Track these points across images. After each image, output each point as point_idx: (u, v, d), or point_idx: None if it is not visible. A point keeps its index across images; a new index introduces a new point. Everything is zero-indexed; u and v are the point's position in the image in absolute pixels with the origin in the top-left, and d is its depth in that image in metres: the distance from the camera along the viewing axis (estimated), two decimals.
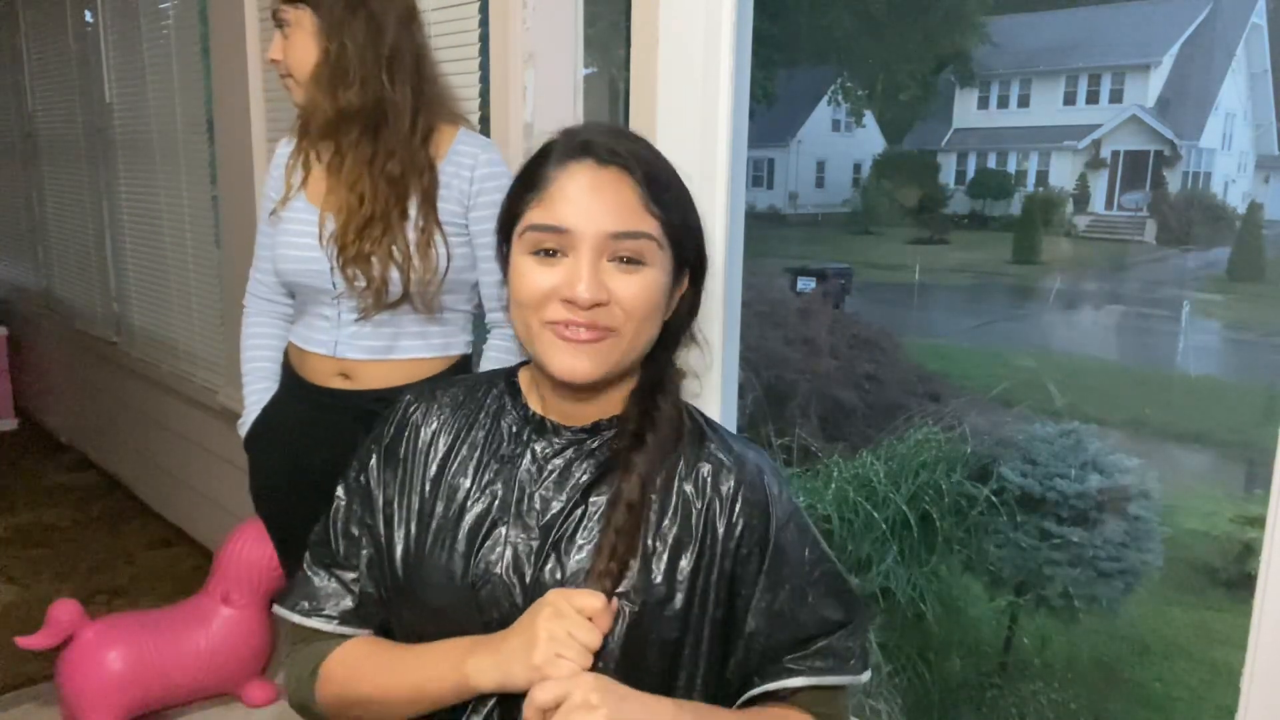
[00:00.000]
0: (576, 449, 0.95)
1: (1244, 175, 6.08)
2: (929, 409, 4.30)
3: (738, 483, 0.94)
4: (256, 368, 1.68)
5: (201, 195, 2.98)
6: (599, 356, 0.89)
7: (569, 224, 0.87)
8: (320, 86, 1.49)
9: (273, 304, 1.69)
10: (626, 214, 0.88)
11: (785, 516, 0.95)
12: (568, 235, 0.87)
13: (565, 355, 0.89)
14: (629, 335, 0.90)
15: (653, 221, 0.89)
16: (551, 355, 0.90)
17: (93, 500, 3.77)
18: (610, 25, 1.94)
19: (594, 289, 0.86)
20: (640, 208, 0.89)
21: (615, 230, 0.87)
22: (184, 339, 3.21)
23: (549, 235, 0.88)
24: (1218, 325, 5.48)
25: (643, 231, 0.88)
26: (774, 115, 7.92)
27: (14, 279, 4.82)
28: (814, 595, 0.94)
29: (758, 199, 8.13)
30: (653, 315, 0.92)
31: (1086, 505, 3.37)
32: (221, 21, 2.61)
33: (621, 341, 0.90)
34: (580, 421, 0.96)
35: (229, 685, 2.34)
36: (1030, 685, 3.48)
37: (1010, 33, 6.84)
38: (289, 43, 1.53)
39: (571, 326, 0.88)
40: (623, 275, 0.88)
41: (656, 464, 0.92)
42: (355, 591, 0.99)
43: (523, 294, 0.90)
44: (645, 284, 0.89)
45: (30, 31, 4.16)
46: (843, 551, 3.50)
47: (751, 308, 4.52)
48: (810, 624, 0.94)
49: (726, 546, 0.92)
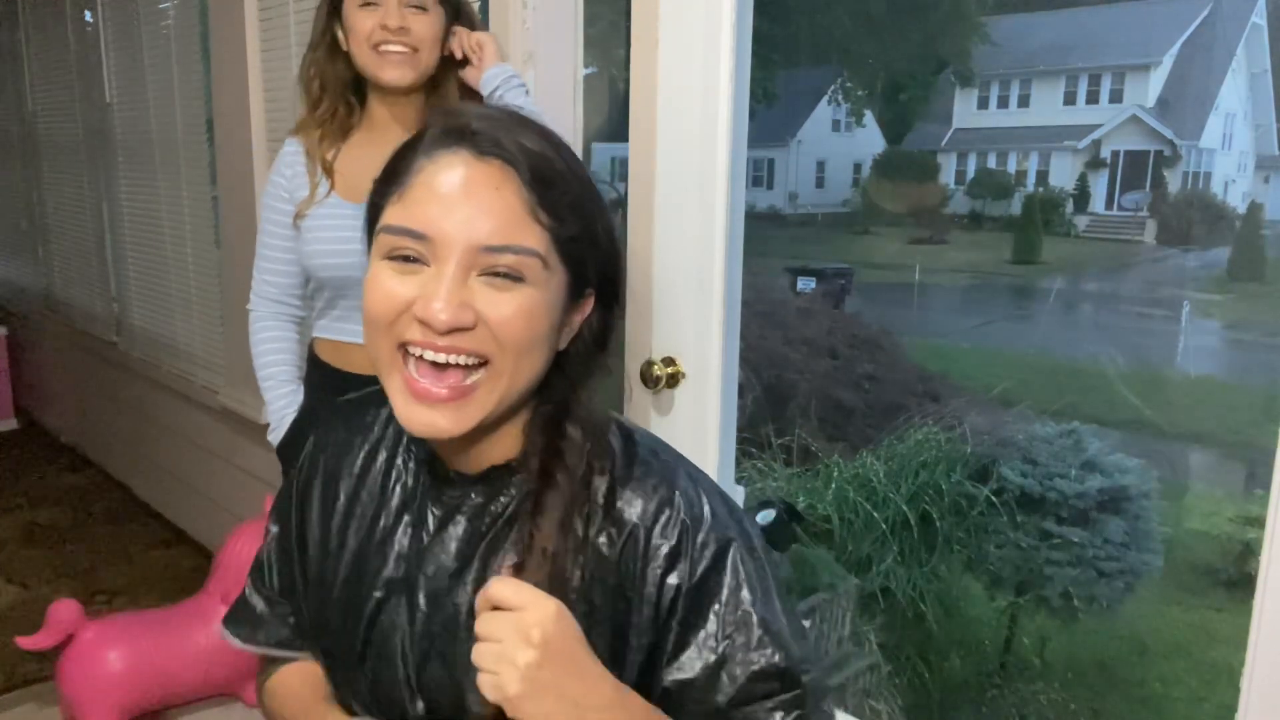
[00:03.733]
0: (476, 504, 0.82)
1: (1244, 175, 6.08)
2: (929, 409, 4.30)
3: (661, 524, 0.77)
4: (278, 373, 1.67)
5: (201, 195, 2.98)
6: (463, 410, 0.73)
7: (430, 230, 0.71)
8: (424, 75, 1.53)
9: (283, 305, 1.67)
10: (504, 222, 0.71)
11: (716, 553, 0.77)
12: (428, 243, 0.71)
13: (418, 410, 0.73)
14: (506, 371, 0.73)
15: (538, 233, 0.72)
16: (403, 409, 0.74)
17: (93, 500, 3.77)
18: (610, 25, 1.94)
19: (454, 310, 0.70)
20: (524, 215, 0.72)
21: (488, 242, 0.71)
22: (184, 339, 3.21)
23: (406, 240, 0.72)
24: (1218, 325, 5.48)
25: (523, 246, 0.71)
26: (774, 115, 7.92)
27: (14, 279, 4.82)
28: (744, 655, 0.76)
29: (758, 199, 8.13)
30: (534, 345, 0.74)
31: (1086, 505, 3.37)
32: (221, 21, 2.61)
33: (498, 380, 0.73)
34: (476, 466, 0.82)
35: (229, 685, 2.34)
36: (1030, 685, 3.48)
37: (1010, 33, 6.84)
38: (423, 20, 1.50)
39: (426, 367, 0.72)
40: (494, 293, 0.71)
41: (573, 504, 0.77)
42: (290, 623, 0.94)
43: (373, 306, 0.73)
44: (523, 306, 0.72)
45: (30, 31, 4.16)
46: (843, 551, 3.50)
47: (751, 308, 4.52)
48: (741, 692, 0.76)
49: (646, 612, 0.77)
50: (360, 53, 1.51)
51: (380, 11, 1.47)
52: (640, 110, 1.58)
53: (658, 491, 0.78)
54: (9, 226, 4.75)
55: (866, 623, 3.37)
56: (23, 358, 4.68)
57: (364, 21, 1.48)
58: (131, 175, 3.40)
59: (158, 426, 3.49)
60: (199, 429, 3.16)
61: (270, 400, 1.67)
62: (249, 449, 2.83)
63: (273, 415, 1.67)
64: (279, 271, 1.65)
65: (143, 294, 3.48)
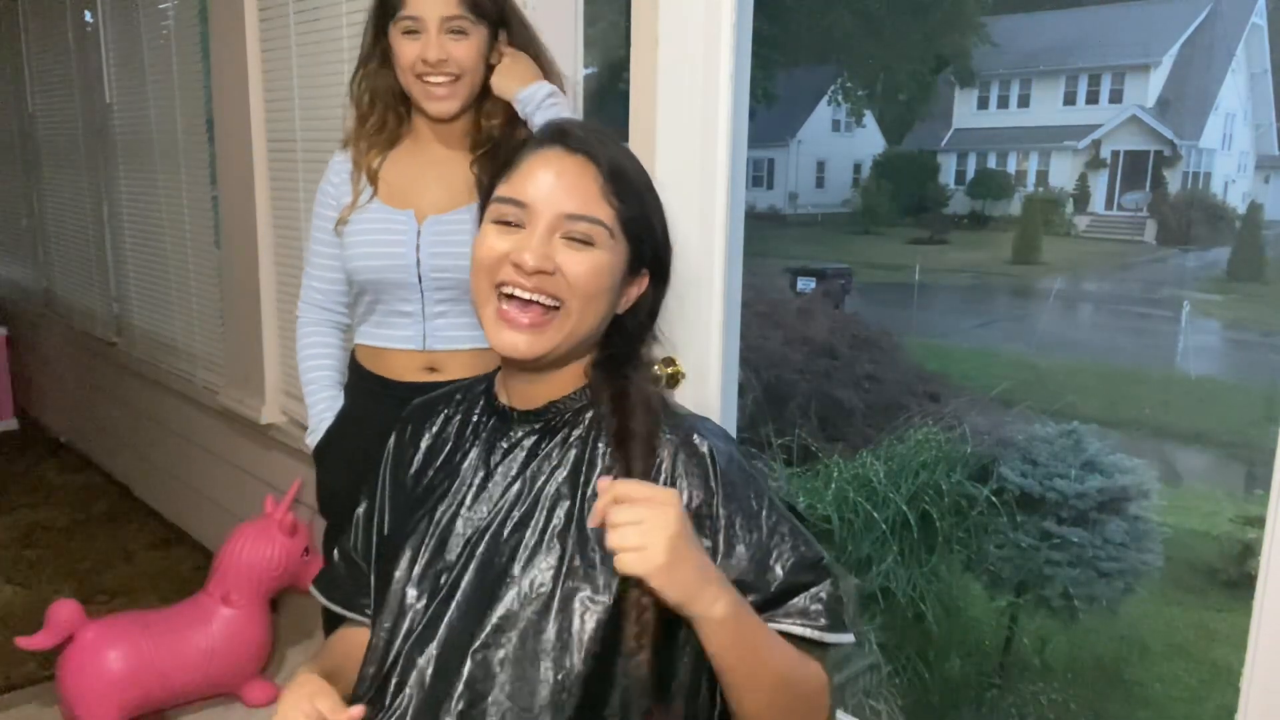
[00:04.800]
0: (535, 435, 1.00)
1: (1244, 175, 6.09)
2: (929, 409, 4.30)
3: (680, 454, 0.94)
4: (320, 377, 1.70)
5: (201, 195, 2.98)
6: (539, 336, 0.93)
7: (528, 199, 0.93)
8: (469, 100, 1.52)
9: (330, 313, 1.70)
10: (583, 198, 0.93)
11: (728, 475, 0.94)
12: (526, 210, 0.93)
13: (506, 332, 0.94)
14: (575, 311, 0.93)
15: (608, 210, 0.94)
16: (494, 332, 0.95)
17: (93, 500, 3.77)
18: (610, 25, 1.94)
19: (539, 257, 0.91)
20: (598, 195, 0.93)
21: (569, 211, 0.92)
22: (184, 339, 3.20)
23: (510, 208, 0.94)
24: (1218, 325, 5.49)
25: (596, 217, 0.93)
26: (774, 115, 7.93)
27: (14, 279, 4.82)
28: (774, 558, 0.92)
29: (758, 199, 8.13)
30: (599, 295, 0.95)
31: (1086, 505, 3.37)
32: (221, 21, 2.61)
33: (567, 319, 0.93)
34: (535, 403, 1.00)
35: (229, 685, 2.34)
36: (1030, 685, 3.48)
37: (1010, 33, 6.84)
38: (464, 46, 1.48)
39: (515, 303, 0.93)
40: (572, 252, 0.93)
41: (649, 453, 0.94)
42: (364, 588, 1.09)
43: (479, 256, 0.95)
44: (593, 263, 0.93)
45: (30, 32, 4.16)
46: (843, 551, 3.50)
47: (751, 308, 4.53)
48: (774, 586, 0.92)
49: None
50: (404, 79, 1.51)
51: (421, 42, 1.46)
52: (640, 110, 1.58)
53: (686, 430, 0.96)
54: (9, 226, 4.75)
55: (866, 623, 3.37)
56: (23, 358, 4.68)
57: (406, 51, 1.48)
58: (131, 175, 3.40)
59: (158, 426, 3.49)
60: (199, 429, 3.16)
61: (311, 404, 1.69)
62: (249, 449, 2.83)
63: (312, 418, 1.69)
64: (326, 279, 1.67)
65: (143, 294, 3.48)
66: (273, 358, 2.63)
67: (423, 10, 1.46)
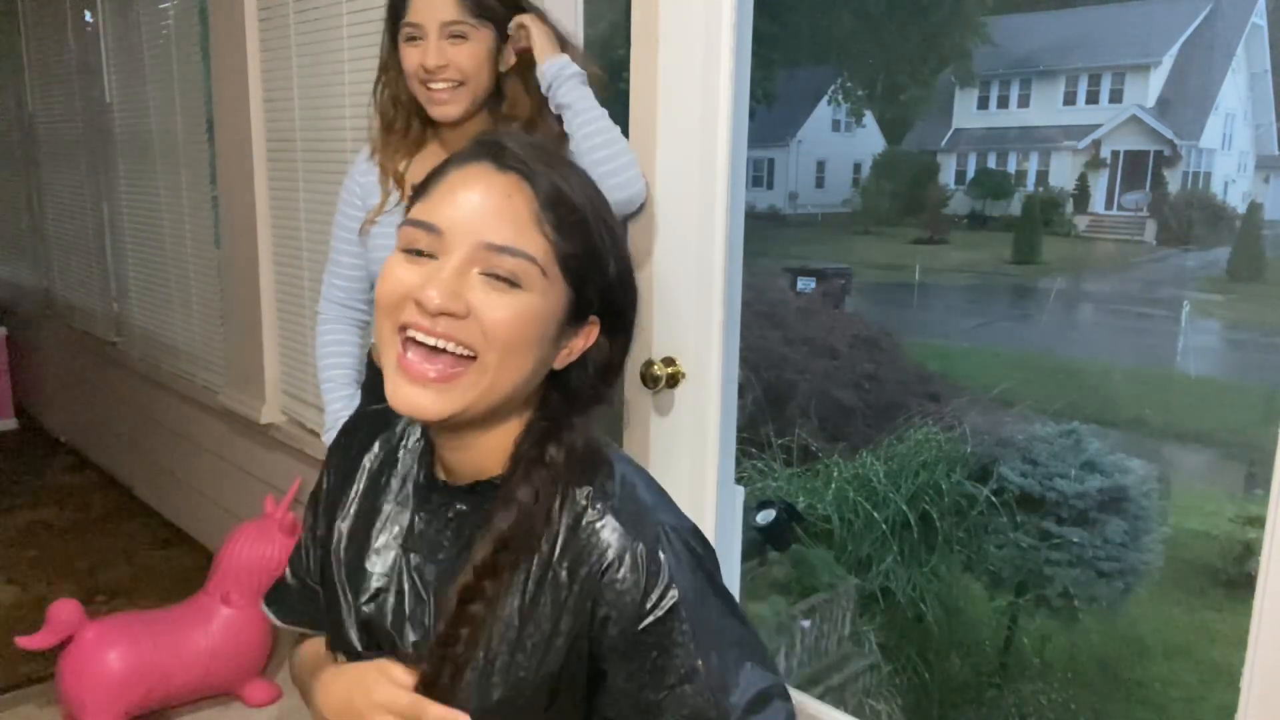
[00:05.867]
0: (461, 513, 0.86)
1: (1244, 175, 6.08)
2: (929, 409, 4.30)
3: (615, 561, 0.78)
4: (337, 375, 1.72)
5: (201, 195, 2.98)
6: (445, 394, 0.77)
7: (442, 224, 0.77)
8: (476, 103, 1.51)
9: (350, 310, 1.73)
10: (510, 225, 0.76)
11: (665, 607, 0.78)
12: (439, 237, 0.76)
13: (405, 387, 0.78)
14: (491, 366, 0.77)
15: (541, 243, 0.77)
16: (392, 386, 0.79)
17: (92, 500, 3.77)
18: (610, 25, 1.94)
19: (447, 295, 0.74)
20: (529, 223, 0.77)
21: (491, 241, 0.75)
22: (184, 339, 3.20)
23: (420, 233, 0.77)
24: (1218, 325, 5.48)
25: (523, 251, 0.76)
26: (774, 115, 7.92)
27: (14, 279, 4.82)
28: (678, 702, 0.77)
29: (758, 199, 8.13)
30: (523, 347, 0.78)
31: (1086, 505, 3.37)
32: (221, 21, 2.61)
33: (482, 374, 0.77)
34: (461, 478, 0.86)
35: (229, 685, 2.34)
36: (1030, 685, 3.48)
37: (1010, 33, 6.84)
38: (465, 50, 1.47)
39: (419, 351, 0.77)
40: (492, 292, 0.76)
41: (524, 525, 0.80)
42: (318, 603, 0.99)
43: (380, 291, 0.79)
44: (517, 308, 0.76)
45: (30, 31, 4.16)
46: (843, 551, 3.50)
47: (751, 308, 4.52)
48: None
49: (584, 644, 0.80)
50: (411, 85, 1.52)
51: (421, 48, 1.46)
52: (640, 110, 1.58)
53: (625, 534, 0.79)
54: (9, 226, 4.75)
55: (866, 623, 3.38)
56: (23, 358, 4.68)
57: (409, 58, 1.48)
58: (131, 175, 3.40)
59: (158, 426, 3.49)
60: (199, 429, 3.16)
61: (328, 403, 1.71)
62: (249, 449, 2.83)
63: (329, 417, 1.71)
64: (348, 275, 1.69)
65: (143, 294, 3.48)
66: (273, 358, 2.63)
67: (422, 17, 1.46)
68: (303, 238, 2.40)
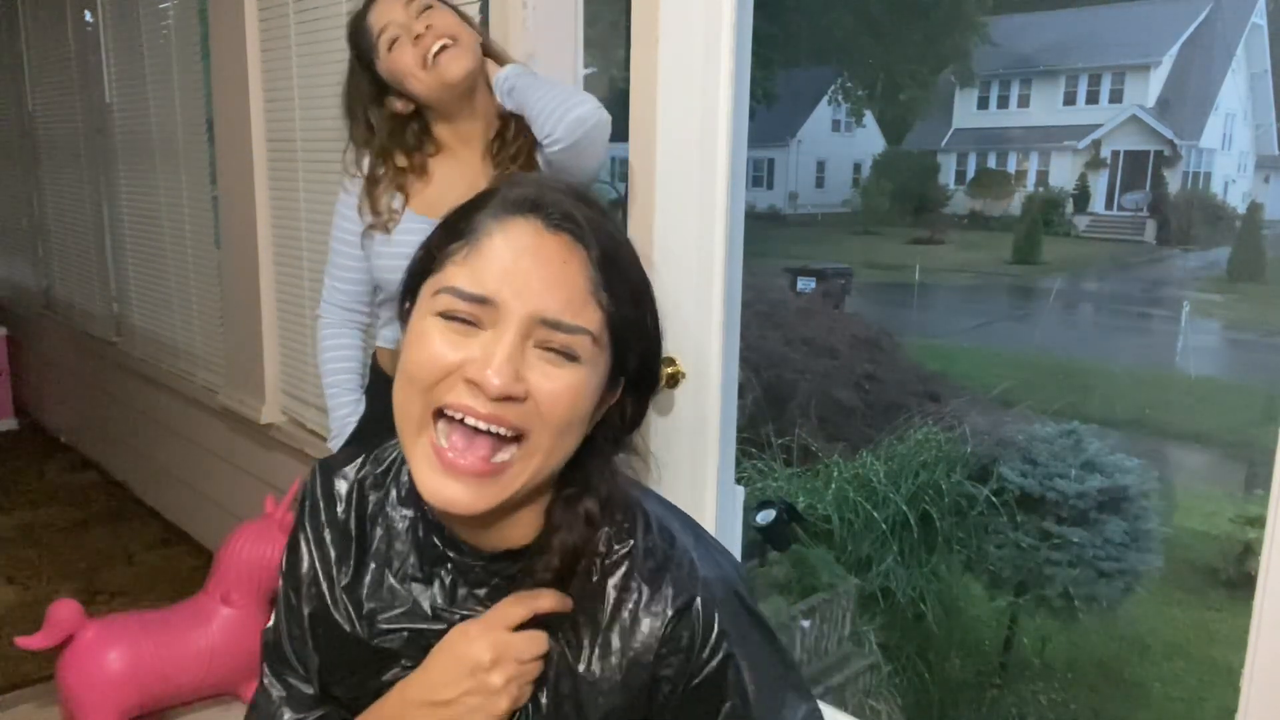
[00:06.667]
0: (493, 583, 0.79)
1: (1244, 175, 6.09)
2: (929, 409, 4.30)
3: (665, 627, 0.75)
4: (342, 381, 1.71)
5: (201, 195, 2.98)
6: (487, 487, 0.69)
7: (497, 295, 0.68)
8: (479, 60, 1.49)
9: (352, 313, 1.72)
10: (569, 298, 0.69)
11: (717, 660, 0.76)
12: (490, 307, 0.68)
13: (439, 478, 0.69)
14: (542, 449, 0.70)
15: (598, 315, 0.70)
16: (426, 479, 0.70)
17: (92, 500, 3.77)
18: (610, 25, 1.94)
19: (508, 378, 0.66)
20: (587, 294, 0.70)
21: (551, 316, 0.68)
22: (184, 339, 3.21)
23: (468, 304, 0.68)
24: (1218, 325, 5.49)
25: (582, 327, 0.69)
26: (774, 115, 7.93)
27: (14, 279, 4.82)
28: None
29: (758, 199, 8.13)
30: (575, 425, 0.71)
31: (1086, 505, 3.37)
32: (221, 21, 2.61)
33: (529, 459, 0.70)
34: (491, 547, 0.78)
35: (229, 685, 2.34)
36: (1030, 685, 3.48)
37: (1010, 33, 6.85)
38: (438, 15, 1.47)
39: (460, 432, 0.69)
40: (549, 368, 0.69)
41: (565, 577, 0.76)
42: (308, 694, 0.88)
43: (418, 365, 0.69)
44: (573, 384, 0.69)
45: (30, 31, 4.16)
46: (843, 551, 3.50)
47: (751, 308, 4.53)
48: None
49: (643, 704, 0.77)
50: (415, 85, 1.49)
51: (403, 36, 1.46)
52: (640, 110, 1.58)
53: (673, 598, 0.76)
54: (9, 226, 4.75)
55: (866, 623, 3.38)
56: (23, 358, 4.68)
57: (402, 57, 1.47)
58: (131, 175, 3.40)
59: (158, 426, 3.49)
60: (199, 429, 3.16)
61: (333, 409, 1.70)
62: (249, 449, 2.83)
63: (334, 423, 1.70)
64: (349, 280, 1.68)
65: (143, 294, 3.48)
66: (273, 358, 2.63)
67: (387, 15, 1.46)
68: (303, 238, 2.40)
